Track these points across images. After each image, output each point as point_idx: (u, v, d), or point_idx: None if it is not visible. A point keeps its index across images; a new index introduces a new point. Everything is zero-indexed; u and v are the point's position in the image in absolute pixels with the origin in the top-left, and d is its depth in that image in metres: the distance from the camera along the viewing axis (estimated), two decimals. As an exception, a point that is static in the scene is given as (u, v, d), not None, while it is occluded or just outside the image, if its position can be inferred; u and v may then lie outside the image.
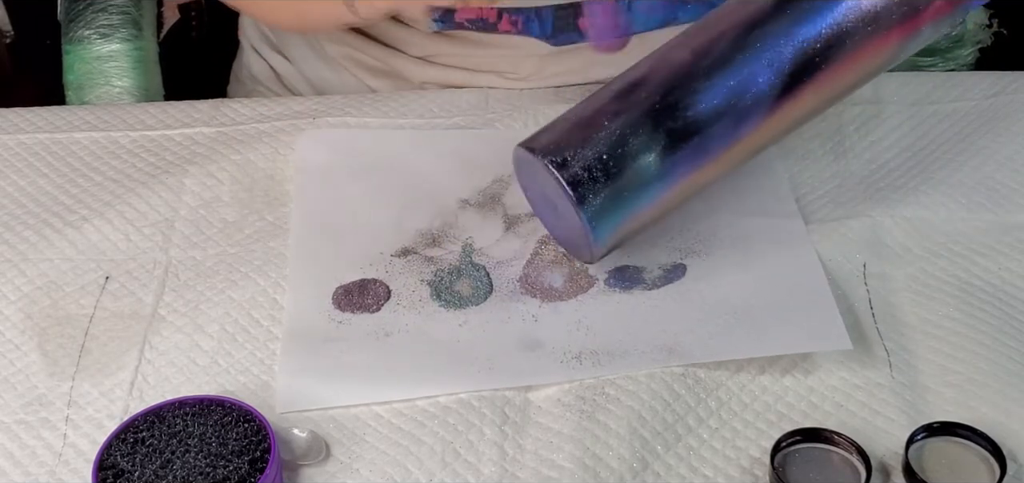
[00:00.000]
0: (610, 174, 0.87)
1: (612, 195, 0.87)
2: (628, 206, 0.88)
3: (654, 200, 0.89)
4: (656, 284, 0.92)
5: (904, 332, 0.88)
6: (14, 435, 0.83)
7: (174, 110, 1.11)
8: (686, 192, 0.91)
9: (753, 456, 0.80)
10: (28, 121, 1.10)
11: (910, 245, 0.95)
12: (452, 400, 0.84)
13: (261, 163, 1.05)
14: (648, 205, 0.89)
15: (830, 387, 0.85)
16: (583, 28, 1.08)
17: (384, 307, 0.91)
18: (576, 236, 0.90)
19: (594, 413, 0.83)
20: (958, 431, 0.79)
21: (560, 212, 0.90)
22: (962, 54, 1.21)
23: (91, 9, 1.19)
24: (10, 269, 0.95)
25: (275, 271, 0.95)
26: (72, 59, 1.19)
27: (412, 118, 1.09)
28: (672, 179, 0.89)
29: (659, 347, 0.87)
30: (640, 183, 0.88)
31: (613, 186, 0.87)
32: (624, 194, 0.88)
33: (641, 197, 0.88)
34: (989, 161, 1.03)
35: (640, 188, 0.88)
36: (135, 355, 0.88)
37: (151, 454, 0.77)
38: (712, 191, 0.98)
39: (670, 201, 0.91)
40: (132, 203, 1.01)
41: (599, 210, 0.87)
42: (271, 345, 0.89)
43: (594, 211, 0.87)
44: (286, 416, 0.83)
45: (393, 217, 0.99)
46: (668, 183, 0.89)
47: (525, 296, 0.92)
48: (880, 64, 0.91)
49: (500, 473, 0.80)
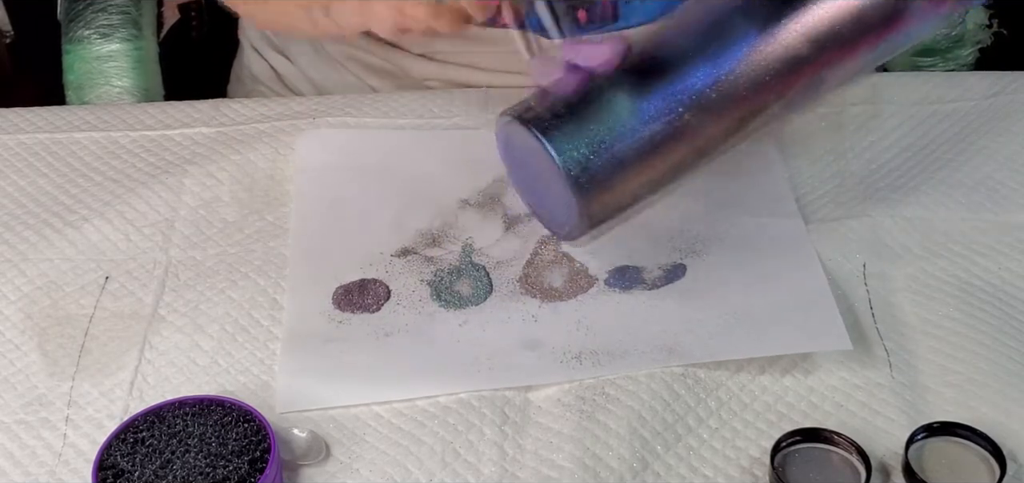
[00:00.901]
0: (574, 109, 0.84)
1: (578, 127, 0.84)
2: (600, 142, 0.84)
3: (630, 141, 0.84)
4: (656, 284, 0.92)
5: (904, 332, 0.88)
6: (14, 435, 0.83)
7: (174, 110, 1.11)
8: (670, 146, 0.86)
9: (753, 456, 0.80)
10: (28, 121, 1.10)
11: (910, 245, 0.95)
12: (452, 400, 0.84)
13: (261, 163, 1.05)
14: (624, 145, 0.84)
15: (830, 387, 0.85)
16: (582, 21, 1.08)
17: (384, 307, 0.91)
18: (557, 188, 0.85)
19: (594, 413, 0.83)
20: (958, 431, 0.79)
21: (538, 173, 0.86)
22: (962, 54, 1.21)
23: (91, 9, 1.19)
24: (10, 269, 0.95)
25: (275, 271, 0.95)
26: (72, 59, 1.19)
27: (412, 118, 1.09)
28: (646, 118, 0.85)
29: (659, 347, 0.87)
30: (611, 118, 0.84)
31: (578, 118, 0.84)
32: (591, 126, 0.84)
33: (613, 134, 0.84)
34: (989, 161, 1.03)
35: (610, 123, 0.84)
36: (135, 355, 0.88)
37: (151, 454, 0.77)
38: (712, 191, 0.99)
39: (651, 148, 0.85)
40: (132, 203, 1.01)
41: (566, 141, 0.83)
42: (271, 345, 0.89)
43: (561, 141, 0.83)
44: (286, 416, 0.83)
45: (393, 217, 0.99)
46: (643, 122, 0.85)
47: (525, 296, 0.92)
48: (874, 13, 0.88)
49: (500, 473, 0.80)
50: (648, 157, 0.85)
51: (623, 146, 0.84)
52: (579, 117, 0.85)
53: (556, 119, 0.84)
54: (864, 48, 0.88)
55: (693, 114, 0.85)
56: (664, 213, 0.97)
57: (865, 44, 0.88)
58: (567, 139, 0.84)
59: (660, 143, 0.85)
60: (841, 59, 0.87)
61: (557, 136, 0.84)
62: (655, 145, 0.85)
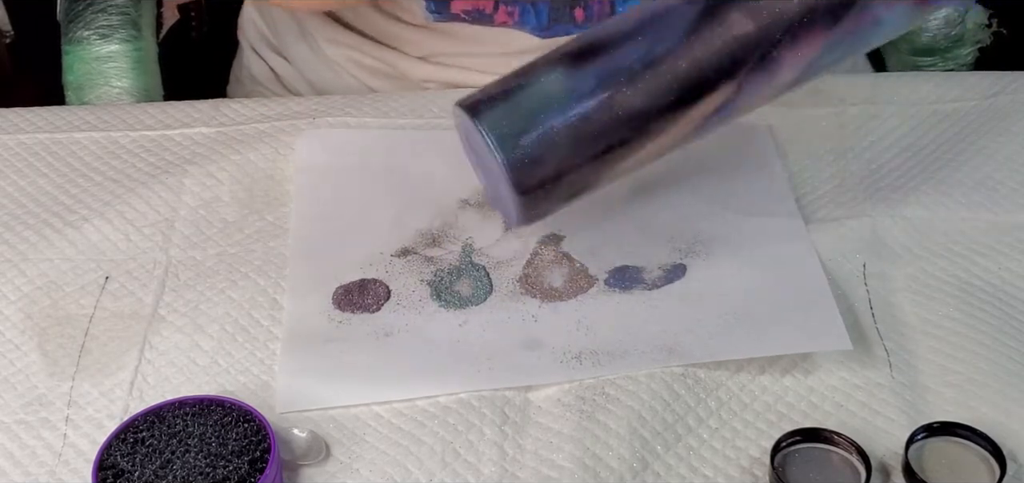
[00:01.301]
0: (509, 90, 0.85)
1: (510, 105, 0.85)
2: (530, 118, 0.84)
3: (562, 117, 0.84)
4: (656, 284, 0.92)
5: (904, 332, 0.88)
6: (14, 435, 0.83)
7: (174, 110, 1.11)
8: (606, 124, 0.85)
9: (753, 456, 0.80)
10: (28, 121, 1.10)
11: (910, 245, 0.95)
12: (452, 400, 0.84)
13: (261, 163, 1.05)
14: (556, 122, 0.84)
15: (830, 387, 0.85)
16: (579, 19, 1.08)
17: (384, 307, 0.91)
18: (495, 168, 0.85)
19: (594, 413, 0.83)
20: (958, 431, 0.79)
21: (483, 158, 0.87)
22: (962, 54, 1.21)
23: (91, 9, 1.19)
24: (10, 269, 0.95)
25: (275, 271, 0.95)
26: (72, 59, 1.19)
27: (412, 118, 1.09)
28: (578, 93, 0.84)
29: (659, 347, 0.87)
30: (542, 95, 0.84)
31: (512, 97, 0.85)
32: (522, 104, 0.85)
33: (545, 110, 0.84)
34: (989, 161, 1.03)
35: (542, 100, 0.84)
36: (135, 355, 0.88)
37: (151, 454, 0.77)
38: (712, 191, 0.99)
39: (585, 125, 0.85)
40: (132, 203, 1.01)
41: (497, 118, 0.84)
42: (271, 345, 0.89)
43: (492, 122, 0.84)
44: (286, 416, 0.83)
45: (393, 217, 0.99)
46: (575, 97, 0.84)
47: (525, 296, 0.92)
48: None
49: (500, 473, 0.80)
50: (583, 135, 0.85)
51: (555, 122, 0.84)
52: (512, 96, 0.85)
53: (490, 100, 0.85)
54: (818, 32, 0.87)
55: (626, 91, 0.85)
56: (664, 213, 0.97)
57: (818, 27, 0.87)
58: (498, 116, 0.84)
59: (594, 120, 0.85)
60: (793, 41, 0.87)
61: (488, 115, 0.85)
62: (589, 122, 0.85)
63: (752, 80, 0.86)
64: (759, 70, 0.86)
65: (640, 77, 0.85)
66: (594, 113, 0.85)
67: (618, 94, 0.85)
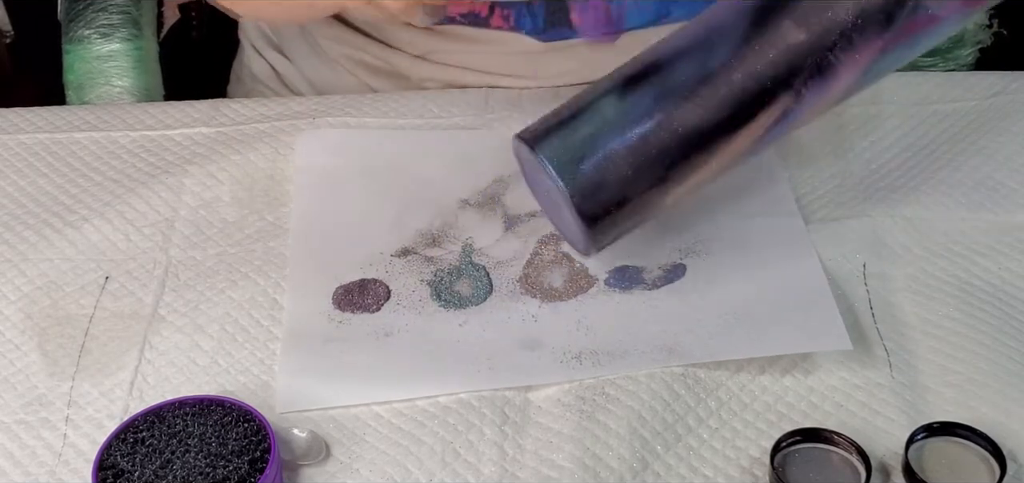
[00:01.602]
0: (564, 119, 0.86)
1: (569, 132, 0.86)
2: (589, 144, 0.85)
3: (620, 139, 0.85)
4: (656, 284, 0.92)
5: (904, 332, 0.88)
6: (14, 435, 0.83)
7: (174, 110, 1.11)
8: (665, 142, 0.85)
9: (753, 456, 0.80)
10: (28, 121, 1.10)
11: (910, 245, 0.95)
12: (452, 400, 0.84)
13: (261, 163, 1.05)
14: (614, 144, 0.85)
15: (830, 387, 0.85)
16: (575, 23, 1.08)
17: (384, 307, 0.91)
18: (558, 197, 0.86)
19: (594, 413, 0.83)
20: (958, 431, 0.79)
21: (546, 189, 0.88)
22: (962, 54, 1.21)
23: (91, 9, 1.19)
24: (10, 269, 0.95)
25: (275, 271, 0.95)
26: (72, 59, 1.19)
27: (412, 118, 1.09)
28: (635, 115, 0.85)
29: (659, 347, 0.87)
30: (599, 120, 0.85)
31: (569, 124, 0.86)
32: (581, 129, 0.85)
33: (603, 134, 0.85)
34: (989, 161, 1.03)
35: (598, 124, 0.85)
36: (135, 355, 0.88)
37: (151, 454, 0.77)
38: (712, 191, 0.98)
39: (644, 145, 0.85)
40: (132, 203, 1.01)
41: (557, 150, 0.85)
42: (271, 345, 0.89)
43: (552, 150, 0.85)
44: (286, 416, 0.83)
45: (393, 217, 0.99)
46: (632, 119, 0.85)
47: (525, 296, 0.92)
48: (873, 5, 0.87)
49: (500, 473, 0.80)
50: (644, 156, 0.85)
51: (614, 146, 0.85)
52: (569, 124, 0.86)
53: (548, 130, 0.86)
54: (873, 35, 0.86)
55: (683, 108, 0.85)
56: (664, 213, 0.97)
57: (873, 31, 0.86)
58: (557, 145, 0.85)
59: (653, 140, 0.85)
60: (849, 46, 0.86)
61: (547, 144, 0.86)
62: (648, 143, 0.85)
63: (810, 88, 0.86)
64: (816, 78, 0.86)
65: (696, 93, 0.85)
66: (653, 133, 0.85)
67: (675, 112, 0.85)
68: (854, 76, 0.87)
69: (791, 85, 0.86)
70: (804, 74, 0.86)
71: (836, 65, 0.86)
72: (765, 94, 0.86)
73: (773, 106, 0.86)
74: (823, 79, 0.86)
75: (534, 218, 0.98)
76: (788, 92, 0.86)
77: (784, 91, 0.86)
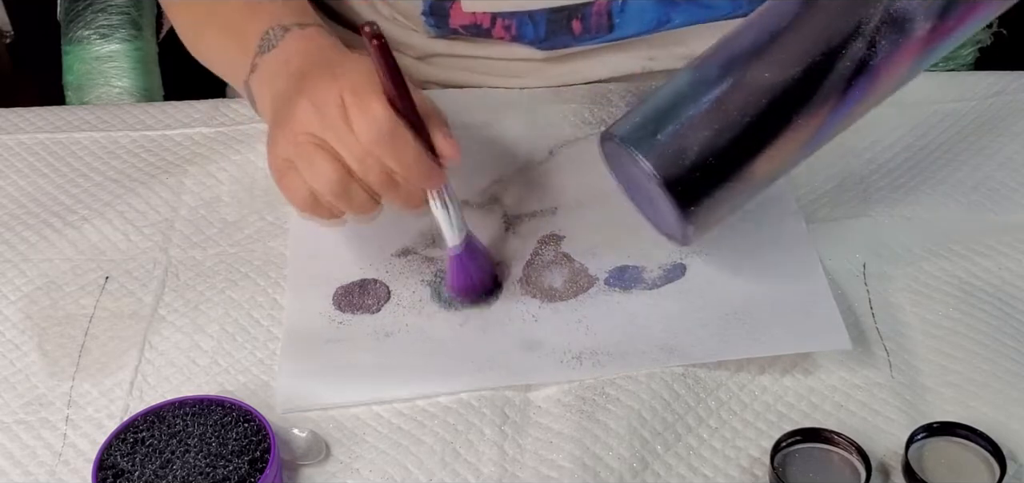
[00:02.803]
0: (639, 103, 0.87)
1: (643, 112, 0.86)
2: (667, 117, 0.84)
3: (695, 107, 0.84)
4: (656, 284, 0.92)
5: (904, 332, 0.88)
6: (14, 435, 0.83)
7: (174, 110, 1.11)
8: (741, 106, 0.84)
9: (753, 456, 0.80)
10: (28, 121, 1.10)
11: (910, 245, 0.95)
12: (452, 400, 0.84)
13: (261, 163, 1.04)
14: (691, 114, 0.84)
15: (830, 387, 0.85)
16: (576, 31, 1.08)
17: (384, 307, 0.91)
18: (646, 180, 0.85)
19: (594, 413, 0.83)
20: (958, 431, 0.79)
21: (636, 179, 0.87)
22: (962, 54, 1.21)
23: (91, 9, 1.19)
24: (10, 269, 0.95)
25: (275, 271, 0.95)
26: (71, 59, 1.19)
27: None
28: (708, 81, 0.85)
29: (659, 347, 0.87)
30: (674, 95, 0.85)
31: (643, 106, 0.86)
32: (656, 107, 0.85)
33: (679, 106, 0.85)
34: (989, 161, 1.03)
35: (674, 98, 0.85)
36: (135, 355, 0.88)
37: (151, 454, 0.77)
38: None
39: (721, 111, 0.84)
40: (132, 203, 1.01)
41: (634, 128, 0.85)
42: (271, 345, 0.89)
43: (628, 129, 0.85)
44: (286, 416, 0.83)
45: (393, 217, 0.99)
46: (705, 86, 0.85)
47: (525, 296, 0.92)
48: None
49: (500, 473, 0.80)
50: (721, 118, 0.84)
51: (689, 111, 0.84)
52: (643, 105, 0.86)
53: (624, 117, 0.86)
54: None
55: (754, 68, 0.84)
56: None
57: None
58: (633, 124, 0.85)
59: (728, 102, 0.84)
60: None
61: (623, 125, 0.86)
62: (723, 105, 0.84)
63: (885, 37, 0.84)
64: (889, 26, 0.84)
65: (765, 51, 0.85)
66: (727, 95, 0.84)
67: (747, 72, 0.84)
68: (927, 27, 0.85)
69: (862, 33, 0.84)
70: (874, 21, 0.84)
71: (909, 9, 0.84)
72: (837, 46, 0.84)
73: (846, 57, 0.84)
74: (897, 27, 0.84)
75: (534, 218, 0.98)
76: (859, 40, 0.84)
77: (856, 41, 0.84)
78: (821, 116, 0.85)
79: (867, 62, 0.85)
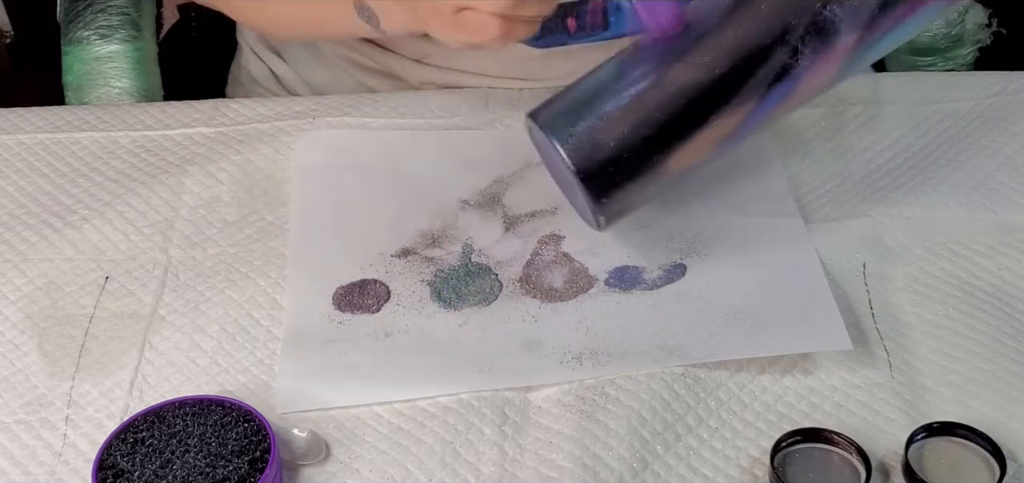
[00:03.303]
0: (564, 91, 0.89)
1: (565, 101, 0.88)
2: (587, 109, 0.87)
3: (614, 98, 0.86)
4: (656, 284, 0.92)
5: (904, 332, 0.88)
6: (14, 435, 0.83)
7: (174, 110, 1.11)
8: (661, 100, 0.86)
9: (753, 456, 0.80)
10: (28, 121, 1.10)
11: (910, 245, 0.95)
12: (452, 400, 0.84)
13: (261, 163, 1.05)
14: (609, 104, 0.86)
15: (830, 387, 0.85)
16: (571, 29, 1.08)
17: (384, 307, 0.91)
18: (565, 170, 0.87)
19: (594, 413, 0.83)
20: (958, 431, 0.79)
21: (556, 166, 0.89)
22: (962, 54, 1.21)
23: (90, 10, 1.19)
24: (10, 269, 0.95)
25: (275, 271, 0.95)
26: (71, 60, 1.19)
27: (412, 118, 1.09)
28: (630, 77, 0.87)
29: (659, 347, 0.87)
30: (596, 87, 0.88)
31: (567, 95, 0.88)
32: (578, 96, 0.88)
33: (597, 96, 0.87)
34: (989, 161, 1.03)
35: (593, 88, 0.88)
36: (135, 355, 0.88)
37: (151, 454, 0.77)
38: (712, 191, 0.98)
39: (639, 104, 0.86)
40: (132, 203, 1.01)
41: (555, 116, 0.88)
42: (271, 345, 0.89)
43: (549, 117, 0.88)
44: (286, 416, 0.83)
45: (393, 217, 0.99)
46: (626, 80, 0.87)
47: (525, 296, 0.92)
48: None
49: (500, 473, 0.80)
50: (639, 114, 0.86)
51: (608, 106, 0.86)
52: (568, 93, 0.88)
53: (548, 103, 0.89)
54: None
55: (677, 68, 0.86)
56: (664, 213, 0.97)
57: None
58: (555, 110, 0.88)
59: (647, 99, 0.86)
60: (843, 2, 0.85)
61: (544, 112, 0.88)
62: (642, 102, 0.86)
63: (809, 47, 0.85)
64: (814, 37, 0.85)
65: (689, 53, 0.86)
66: (647, 92, 0.86)
67: (669, 71, 0.86)
68: (855, 32, 0.86)
69: (785, 41, 0.85)
70: (799, 31, 0.85)
71: (833, 22, 0.85)
72: (760, 52, 0.85)
73: (769, 64, 0.86)
74: (822, 38, 0.85)
75: (534, 218, 0.98)
76: (783, 48, 0.85)
77: (780, 48, 0.85)
78: (739, 117, 0.87)
79: (790, 69, 0.86)
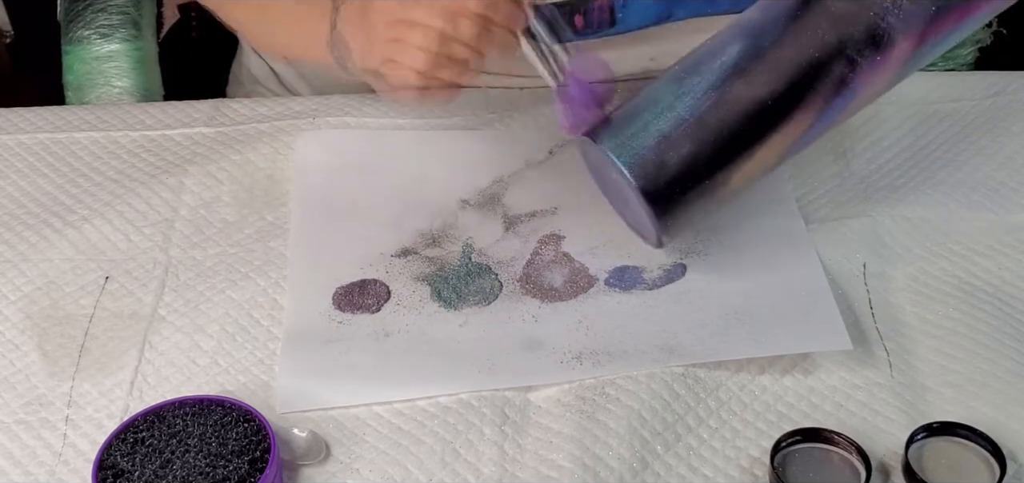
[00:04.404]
0: (623, 112, 0.89)
1: (627, 122, 0.87)
2: (647, 129, 0.87)
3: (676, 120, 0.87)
4: (656, 284, 0.92)
5: (904, 332, 0.88)
6: (14, 435, 0.83)
7: (174, 110, 1.11)
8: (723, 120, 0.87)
9: (753, 456, 0.80)
10: (28, 121, 1.10)
11: (910, 245, 0.95)
12: (452, 400, 0.84)
13: (261, 163, 1.05)
14: (671, 127, 0.87)
15: (830, 387, 0.85)
16: (578, 26, 1.08)
17: (384, 307, 0.91)
18: (628, 190, 0.88)
19: (594, 413, 0.83)
20: (958, 431, 0.79)
21: (614, 183, 0.90)
22: (962, 54, 1.21)
23: (91, 9, 1.19)
24: (10, 269, 0.95)
25: (275, 271, 0.95)
26: (71, 59, 1.19)
27: (412, 118, 1.09)
28: (691, 98, 0.87)
29: (659, 347, 0.87)
30: (656, 106, 0.87)
31: (627, 115, 0.88)
32: (639, 117, 0.87)
33: (660, 118, 0.87)
34: (989, 161, 1.03)
35: (656, 109, 0.87)
36: (135, 355, 0.88)
37: (151, 454, 0.77)
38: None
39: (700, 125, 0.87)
40: (132, 203, 1.01)
41: (618, 138, 0.87)
42: (271, 345, 0.89)
43: (612, 138, 0.87)
44: (286, 416, 0.83)
45: (393, 217, 0.99)
46: (689, 101, 0.87)
47: (525, 296, 0.92)
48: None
49: (500, 473, 0.80)
50: (701, 133, 0.87)
51: (672, 126, 0.87)
52: (627, 114, 0.88)
53: (606, 122, 0.88)
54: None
55: (736, 85, 0.87)
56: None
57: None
58: (617, 132, 0.87)
59: (708, 118, 0.87)
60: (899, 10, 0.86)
61: (607, 133, 0.87)
62: (704, 121, 0.87)
63: (865, 57, 0.87)
64: (869, 46, 0.87)
65: (748, 70, 0.87)
66: (708, 112, 0.87)
67: (730, 90, 0.87)
68: (911, 42, 0.87)
69: (843, 53, 0.86)
70: (855, 42, 0.86)
71: (889, 32, 0.86)
72: (817, 65, 0.87)
73: (827, 77, 0.87)
74: (877, 47, 0.87)
75: (534, 218, 0.98)
76: (840, 60, 0.86)
77: (837, 60, 0.86)
78: (799, 130, 0.88)
79: (847, 79, 0.87)
